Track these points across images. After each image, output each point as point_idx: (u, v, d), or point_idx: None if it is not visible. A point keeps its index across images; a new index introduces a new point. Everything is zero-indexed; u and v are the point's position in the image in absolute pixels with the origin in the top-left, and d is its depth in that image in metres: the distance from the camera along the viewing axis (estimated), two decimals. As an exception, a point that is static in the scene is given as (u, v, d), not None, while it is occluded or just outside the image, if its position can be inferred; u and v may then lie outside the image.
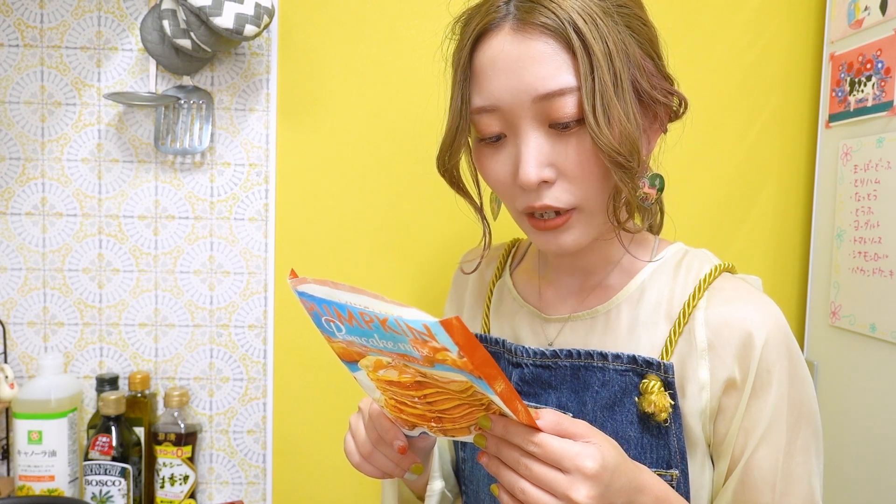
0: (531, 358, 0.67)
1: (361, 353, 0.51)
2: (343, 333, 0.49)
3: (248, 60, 1.03)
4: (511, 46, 0.56)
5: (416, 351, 0.45)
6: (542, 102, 0.55)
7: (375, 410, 0.61)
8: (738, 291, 0.61)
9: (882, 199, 0.88)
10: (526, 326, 0.70)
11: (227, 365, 1.06)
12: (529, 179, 0.56)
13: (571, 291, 0.69)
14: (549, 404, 0.65)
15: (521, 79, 0.55)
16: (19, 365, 1.04)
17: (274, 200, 1.05)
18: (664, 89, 0.60)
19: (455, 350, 0.42)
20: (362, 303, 0.44)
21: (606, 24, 0.54)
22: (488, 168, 0.61)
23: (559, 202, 0.57)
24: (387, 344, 0.46)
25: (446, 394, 0.51)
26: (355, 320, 0.46)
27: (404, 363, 0.49)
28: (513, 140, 0.59)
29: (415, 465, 0.64)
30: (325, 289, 0.46)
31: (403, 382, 0.51)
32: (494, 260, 0.80)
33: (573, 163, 0.57)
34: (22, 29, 1.00)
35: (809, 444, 0.60)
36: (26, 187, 1.02)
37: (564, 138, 0.57)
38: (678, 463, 0.60)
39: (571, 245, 0.60)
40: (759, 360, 0.58)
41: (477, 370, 0.43)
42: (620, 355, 0.62)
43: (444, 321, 0.40)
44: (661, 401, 0.58)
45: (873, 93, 0.90)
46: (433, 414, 0.55)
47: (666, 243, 0.68)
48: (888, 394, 0.88)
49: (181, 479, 0.99)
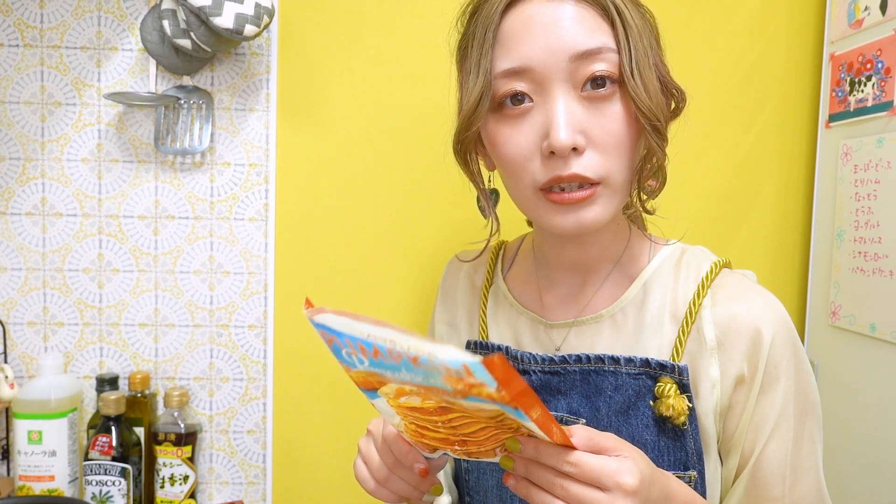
0: (539, 364, 0.66)
1: (382, 382, 0.49)
2: (365, 366, 0.47)
3: (248, 60, 1.03)
4: (547, 9, 0.57)
5: (448, 385, 0.43)
6: (579, 62, 0.55)
7: (391, 433, 0.58)
8: (741, 288, 0.62)
9: (882, 199, 0.88)
10: (528, 333, 0.69)
11: (227, 365, 1.06)
12: (562, 142, 0.54)
13: (573, 295, 0.68)
14: (559, 410, 0.65)
15: (559, 37, 0.55)
16: (19, 365, 1.04)
17: (274, 200, 1.05)
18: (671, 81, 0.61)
19: (494, 385, 0.40)
20: (388, 337, 0.42)
21: (634, 9, 0.58)
22: (507, 141, 0.59)
23: (588, 171, 0.56)
24: (415, 377, 0.44)
25: (472, 418, 0.49)
26: (381, 355, 0.44)
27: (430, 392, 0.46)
28: (541, 105, 0.57)
29: (434, 487, 0.62)
30: (344, 320, 0.44)
31: (427, 408, 0.49)
32: (482, 264, 0.78)
33: (605, 130, 0.56)
34: (22, 29, 1.00)
35: (815, 433, 0.61)
36: (26, 187, 1.02)
37: (596, 105, 0.56)
38: (695, 464, 0.60)
39: (592, 221, 0.58)
40: (768, 357, 0.58)
41: (514, 402, 0.42)
42: (633, 359, 0.61)
43: (486, 360, 0.38)
44: (680, 404, 0.58)
45: (873, 93, 0.90)
46: (457, 437, 0.53)
47: (660, 241, 0.68)
48: (888, 394, 0.88)
49: (181, 479, 0.99)
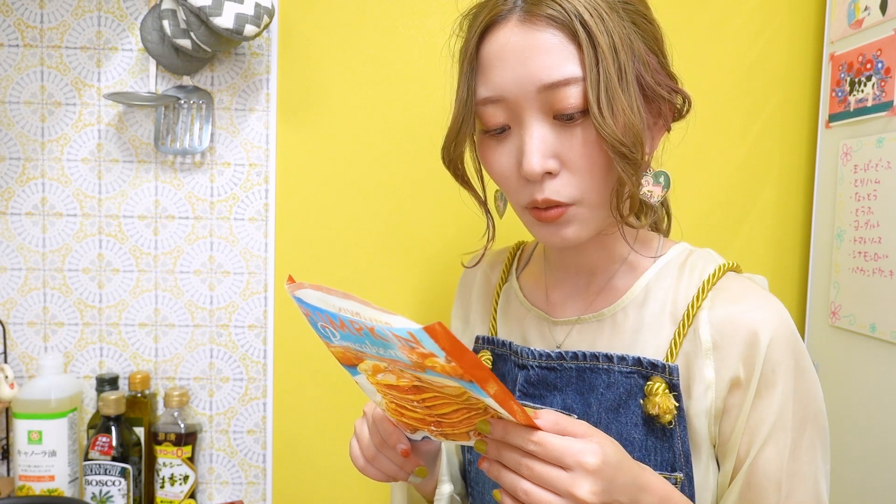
0: (536, 360, 0.67)
1: (359, 358, 0.51)
2: (338, 339, 0.49)
3: (248, 60, 1.03)
4: (517, 38, 0.57)
5: (405, 357, 0.44)
6: (547, 92, 0.56)
7: (378, 414, 0.61)
8: (743, 290, 0.61)
9: (882, 199, 0.88)
10: (534, 330, 0.70)
11: (227, 365, 1.06)
12: (533, 170, 0.56)
13: (578, 293, 0.69)
14: (553, 406, 0.65)
15: (526, 68, 0.56)
16: (19, 365, 1.04)
17: (274, 200, 1.04)
18: (668, 86, 0.60)
19: (442, 355, 0.41)
20: (353, 309, 0.44)
21: (612, 19, 0.55)
22: (493, 161, 0.62)
23: (560, 196, 0.58)
24: (378, 350, 0.46)
25: (444, 398, 0.50)
26: (346, 328, 0.46)
27: (399, 368, 0.48)
28: (517, 131, 0.59)
29: (419, 469, 0.64)
30: (319, 294, 0.46)
31: (402, 386, 0.51)
32: (500, 263, 0.79)
33: (577, 154, 0.57)
34: (22, 29, 1.00)
35: (815, 444, 0.59)
36: (26, 187, 1.02)
37: (568, 130, 0.57)
38: (683, 466, 0.59)
39: (573, 238, 0.60)
40: (765, 360, 0.57)
41: (467, 374, 0.43)
42: (625, 357, 0.62)
43: (428, 327, 0.39)
44: (665, 402, 0.58)
45: (873, 93, 0.90)
46: (433, 418, 0.54)
47: (670, 243, 0.68)
48: (888, 394, 0.88)
49: (181, 479, 0.99)
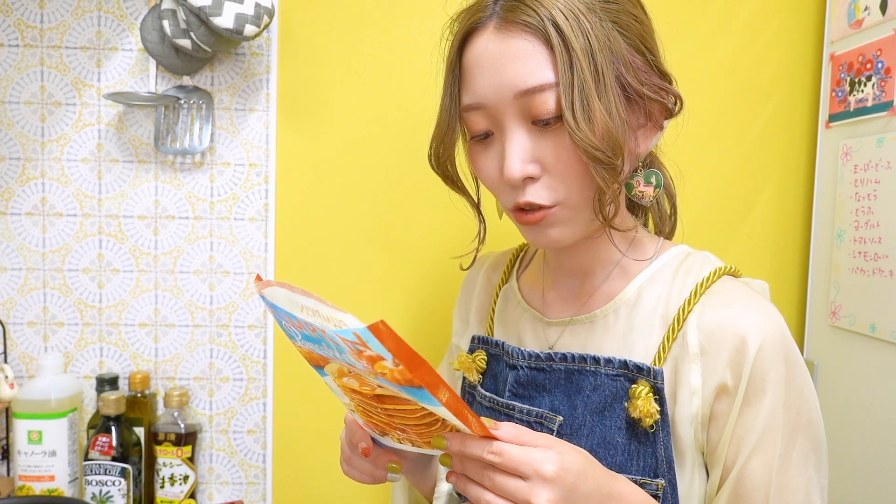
0: (526, 360, 0.66)
1: (325, 359, 0.49)
2: (300, 340, 0.48)
3: (248, 60, 1.03)
4: (494, 45, 0.57)
5: (355, 360, 0.42)
6: (523, 99, 0.56)
7: (349, 416, 0.63)
8: (735, 295, 0.60)
9: (882, 199, 0.88)
10: (529, 330, 0.70)
11: (227, 365, 1.06)
12: (513, 175, 0.57)
13: (573, 294, 0.68)
14: (541, 407, 0.65)
15: (502, 76, 0.56)
16: (19, 365, 1.04)
17: (274, 200, 1.05)
18: (655, 86, 0.59)
19: (389, 357, 0.39)
20: (312, 307, 0.42)
21: (589, 20, 0.55)
22: (480, 166, 0.62)
23: (540, 199, 0.58)
24: (334, 353, 0.44)
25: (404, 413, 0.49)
26: (304, 328, 0.44)
27: (359, 374, 0.46)
28: (499, 137, 0.60)
29: (390, 465, 0.63)
30: (284, 292, 0.45)
31: (365, 393, 0.50)
32: (502, 264, 0.80)
33: (555, 159, 0.57)
34: (22, 29, 1.00)
35: (808, 455, 0.57)
36: (26, 187, 1.02)
37: (547, 134, 0.57)
38: (665, 472, 0.58)
39: (558, 238, 0.60)
40: (753, 366, 0.56)
41: (416, 378, 0.40)
42: (612, 360, 0.61)
43: (371, 326, 0.37)
44: (647, 406, 0.57)
45: (873, 93, 0.90)
46: (396, 426, 0.53)
47: (669, 245, 0.67)
48: (888, 394, 0.88)
49: (181, 479, 0.99)
